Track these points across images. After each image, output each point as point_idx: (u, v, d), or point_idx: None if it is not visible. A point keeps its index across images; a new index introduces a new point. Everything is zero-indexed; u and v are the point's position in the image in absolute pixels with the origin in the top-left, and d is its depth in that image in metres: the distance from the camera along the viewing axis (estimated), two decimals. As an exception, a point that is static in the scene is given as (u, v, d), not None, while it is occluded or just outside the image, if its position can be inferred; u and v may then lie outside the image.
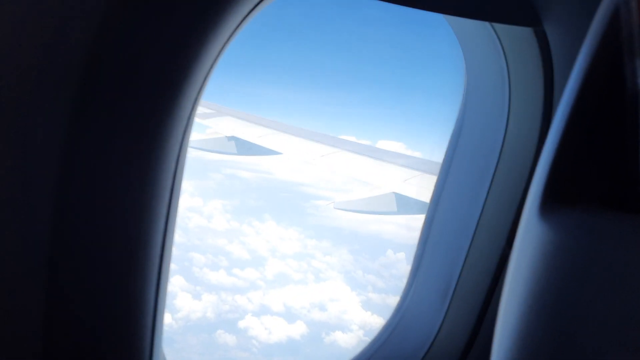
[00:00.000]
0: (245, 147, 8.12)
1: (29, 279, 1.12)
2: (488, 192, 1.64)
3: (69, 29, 1.05)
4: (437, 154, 1.85)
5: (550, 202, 0.71)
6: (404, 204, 6.76)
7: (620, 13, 0.71)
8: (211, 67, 1.18)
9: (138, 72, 1.11)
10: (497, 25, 1.49)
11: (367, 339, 1.82)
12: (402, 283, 1.90)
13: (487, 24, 1.48)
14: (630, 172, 0.73)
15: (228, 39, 1.18)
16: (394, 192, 6.98)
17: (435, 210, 1.82)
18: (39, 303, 1.13)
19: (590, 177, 0.73)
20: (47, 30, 1.04)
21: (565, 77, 0.77)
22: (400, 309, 1.83)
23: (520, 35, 1.48)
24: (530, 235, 0.69)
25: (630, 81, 0.70)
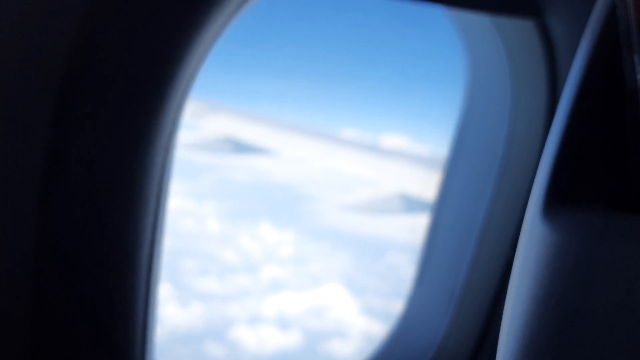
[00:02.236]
0: (240, 147, 8.07)
1: (14, 284, 1.12)
2: (493, 192, 1.65)
3: (51, 28, 1.05)
4: (442, 149, 1.86)
5: (553, 202, 0.71)
6: (408, 204, 6.73)
7: (617, 8, 0.72)
8: (198, 65, 1.18)
9: (122, 72, 1.12)
10: (498, 20, 1.50)
11: (368, 348, 1.83)
12: (405, 287, 1.91)
13: (488, 18, 1.50)
14: (633, 172, 0.74)
15: (215, 37, 1.18)
16: (397, 192, 6.95)
17: (440, 210, 1.82)
18: (24, 310, 1.13)
19: (594, 177, 0.74)
20: (29, 28, 1.04)
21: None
22: (405, 312, 1.84)
23: (521, 30, 1.49)
24: (533, 237, 0.70)
25: (629, 77, 0.72)
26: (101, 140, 1.13)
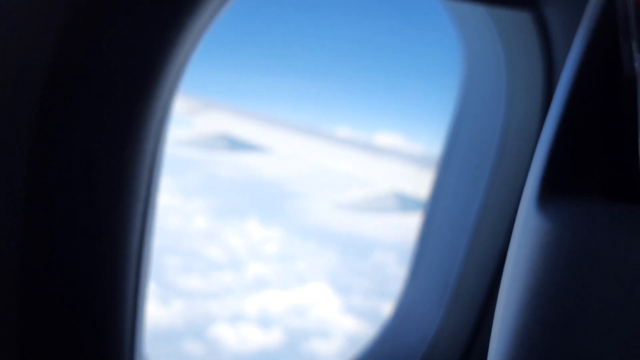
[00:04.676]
0: (233, 144, 8.09)
1: (1, 280, 1.12)
2: (487, 187, 1.65)
3: (37, 23, 1.05)
4: (436, 148, 1.87)
5: (548, 193, 0.72)
6: (402, 203, 6.74)
7: None
8: (186, 59, 1.18)
9: (109, 67, 1.11)
10: (494, 11, 1.51)
11: (350, 347, 1.83)
12: (392, 286, 1.91)
13: (483, 10, 1.50)
14: (628, 161, 0.75)
15: (203, 30, 1.18)
16: (391, 191, 6.96)
17: (434, 207, 1.83)
18: (12, 306, 1.13)
19: (590, 167, 0.75)
20: (14, 24, 1.04)
21: None
22: (397, 309, 1.84)
23: (517, 21, 1.50)
24: (527, 228, 0.70)
25: (626, 66, 0.72)
26: (89, 136, 1.13)
